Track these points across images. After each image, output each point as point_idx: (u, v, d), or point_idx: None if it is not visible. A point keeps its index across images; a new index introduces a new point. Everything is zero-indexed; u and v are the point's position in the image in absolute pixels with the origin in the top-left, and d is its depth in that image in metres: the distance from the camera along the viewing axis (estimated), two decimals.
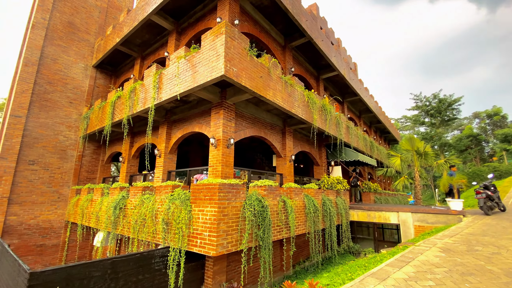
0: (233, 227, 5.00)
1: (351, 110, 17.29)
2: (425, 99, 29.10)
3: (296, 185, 7.44)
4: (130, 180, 9.82)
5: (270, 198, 6.19)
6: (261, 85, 6.47)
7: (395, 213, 9.69)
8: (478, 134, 30.34)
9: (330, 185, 9.54)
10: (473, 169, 26.52)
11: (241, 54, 5.95)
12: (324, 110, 9.67)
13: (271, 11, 8.74)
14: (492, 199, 8.68)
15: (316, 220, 7.74)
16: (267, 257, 5.45)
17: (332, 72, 12.46)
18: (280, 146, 9.14)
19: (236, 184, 5.23)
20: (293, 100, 7.92)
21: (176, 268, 5.08)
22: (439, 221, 8.80)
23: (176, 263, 5.08)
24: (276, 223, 6.19)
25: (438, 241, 5.54)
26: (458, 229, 6.63)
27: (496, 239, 5.48)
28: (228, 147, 6.57)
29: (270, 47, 9.36)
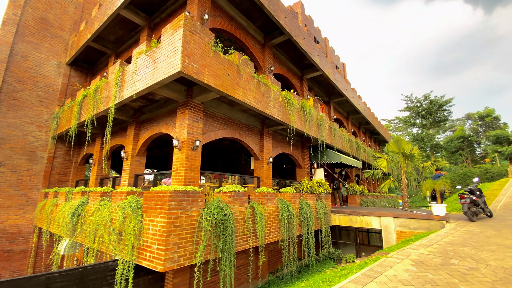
0: (187, 238, 4.56)
1: (338, 111, 16.96)
2: (416, 100, 28.96)
3: (270, 189, 7.02)
4: (100, 183, 9.32)
5: (237, 205, 5.76)
6: (228, 84, 6.04)
7: (377, 217, 9.33)
8: (470, 136, 30.24)
9: (310, 189, 9.15)
10: (464, 171, 26.38)
11: (204, 49, 5.52)
12: (303, 111, 9.27)
13: (247, 6, 8.33)
14: (477, 204, 8.34)
15: (291, 226, 7.33)
16: (227, 269, 5.01)
17: (315, 72, 12.09)
18: (258, 148, 8.73)
19: (193, 192, 4.79)
20: (267, 100, 7.50)
21: (125, 283, 4.62)
22: (421, 227, 8.46)
23: (125, 278, 4.62)
24: (242, 232, 5.76)
25: (413, 252, 5.16)
26: (437, 238, 6.27)
27: (477, 250, 5.12)
28: (193, 150, 6.13)
29: (248, 44, 8.95)
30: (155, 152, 14.33)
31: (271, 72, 9.68)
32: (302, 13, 14.04)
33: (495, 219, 8.30)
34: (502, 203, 11.12)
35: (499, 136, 23.01)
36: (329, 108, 15.26)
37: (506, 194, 12.47)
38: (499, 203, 11.21)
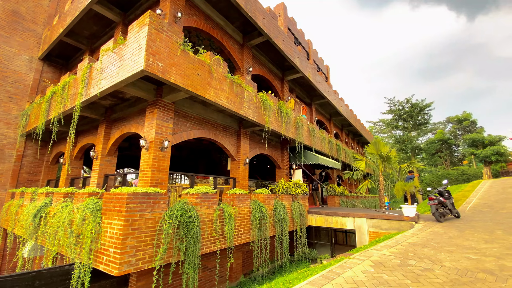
0: (147, 241, 4.46)
1: (321, 113, 17.15)
2: (398, 104, 29.74)
3: (242, 190, 6.99)
4: (71, 183, 9.02)
5: (205, 206, 5.70)
6: (198, 84, 5.97)
7: (351, 218, 9.48)
8: (449, 139, 31.33)
9: (286, 190, 9.18)
10: (442, 172, 27.29)
11: (172, 48, 5.42)
12: (280, 113, 9.30)
13: (224, 5, 8.26)
14: (445, 205, 8.62)
15: (263, 227, 7.32)
16: (191, 272, 4.95)
17: (296, 74, 12.17)
18: (235, 148, 8.68)
19: (155, 193, 4.69)
20: (242, 101, 7.47)
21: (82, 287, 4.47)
22: (392, 227, 8.65)
23: (82, 282, 4.47)
24: (210, 234, 5.70)
25: (375, 253, 5.26)
26: (402, 238, 6.42)
27: (436, 251, 5.26)
28: (162, 150, 6.01)
29: (225, 44, 8.89)
30: (134, 151, 14.03)
31: (250, 73, 9.66)
32: (285, 15, 14.09)
33: (462, 220, 8.59)
34: (471, 205, 11.55)
35: (475, 139, 24.00)
36: (311, 110, 15.40)
37: (476, 196, 12.97)
38: (469, 204, 11.64)
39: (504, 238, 5.96)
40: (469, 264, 4.38)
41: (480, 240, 5.89)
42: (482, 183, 16.85)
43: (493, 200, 11.64)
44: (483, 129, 29.53)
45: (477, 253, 4.96)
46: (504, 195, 12.16)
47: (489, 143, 23.96)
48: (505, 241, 5.64)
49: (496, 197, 12.08)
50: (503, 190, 13.16)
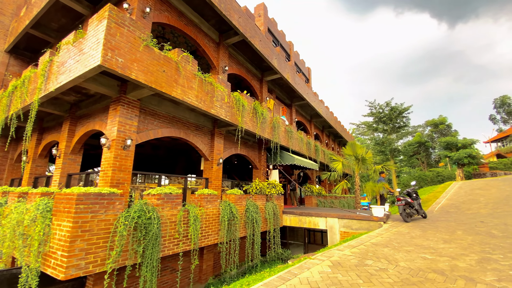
0: (99, 244, 4.28)
1: (301, 114, 17.29)
2: (379, 107, 30.57)
3: (211, 191, 6.89)
4: (34, 183, 8.59)
5: (167, 208, 5.55)
6: (163, 81, 5.82)
7: (324, 218, 9.59)
8: (426, 141, 32.50)
9: (260, 190, 9.16)
10: (419, 174, 28.25)
11: (134, 43, 5.25)
12: (255, 113, 9.27)
13: (198, 3, 8.13)
14: (412, 206, 8.88)
15: (233, 228, 7.25)
16: (149, 275, 4.80)
17: (274, 75, 12.19)
18: (208, 148, 8.56)
19: (109, 194, 4.51)
20: (213, 100, 7.37)
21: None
22: (362, 228, 8.81)
23: (29, 286, 4.23)
24: (172, 235, 5.56)
25: (337, 253, 5.31)
26: (367, 238, 6.54)
27: (395, 251, 5.38)
28: (124, 149, 5.80)
29: (200, 42, 8.75)
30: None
31: (226, 72, 9.57)
32: (265, 15, 14.10)
33: (428, 220, 8.89)
34: (440, 205, 12.00)
35: (449, 142, 25.05)
36: (291, 111, 15.50)
37: (446, 197, 13.50)
38: (438, 205, 12.08)
39: (462, 238, 6.19)
40: (423, 264, 4.49)
41: (440, 240, 6.09)
42: (453, 184, 17.57)
43: (460, 201, 12.14)
44: (458, 133, 30.90)
45: (433, 253, 5.11)
46: (471, 196, 12.72)
47: (462, 146, 25.06)
48: (463, 241, 5.85)
49: (464, 198, 12.61)
50: (471, 192, 13.76)
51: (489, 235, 6.38)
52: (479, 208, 10.55)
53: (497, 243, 5.60)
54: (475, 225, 7.67)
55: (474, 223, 8.01)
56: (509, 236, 6.15)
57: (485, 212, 9.98)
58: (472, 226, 7.57)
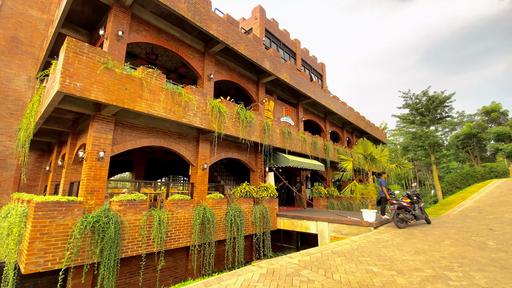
0: (57, 245, 4.99)
1: (312, 113, 16.72)
2: (414, 97, 27.45)
3: (184, 196, 7.31)
4: (55, 189, 10.10)
5: (131, 213, 6.12)
6: (126, 97, 6.40)
7: (315, 222, 9.29)
8: (478, 132, 28.26)
9: (245, 193, 9.28)
10: (467, 170, 24.79)
11: (93, 68, 5.90)
12: (238, 118, 9.42)
13: (175, 19, 8.62)
14: (408, 210, 8.05)
15: (208, 231, 7.55)
16: (107, 273, 5.39)
17: (269, 76, 12.13)
18: (193, 154, 9.01)
19: (68, 201, 5.21)
20: (186, 110, 7.77)
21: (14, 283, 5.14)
22: (351, 233, 8.33)
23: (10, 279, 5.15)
24: (136, 238, 6.11)
25: (283, 260, 5.21)
26: (332, 246, 6.22)
27: (348, 260, 5.08)
28: (99, 160, 6.55)
29: (182, 55, 9.25)
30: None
31: (212, 80, 9.91)
32: (261, 17, 14.03)
33: (428, 226, 7.96)
34: (462, 208, 10.49)
35: (500, 133, 21.32)
36: (297, 110, 15.16)
37: (475, 198, 11.68)
38: (460, 208, 10.58)
39: (442, 250, 5.49)
40: (360, 277, 4.19)
41: (412, 251, 5.50)
42: (492, 183, 15.05)
43: (488, 203, 10.45)
44: None
45: (386, 265, 4.69)
46: (504, 198, 10.84)
47: None
48: (437, 254, 5.20)
49: (494, 200, 10.81)
50: (508, 192, 11.69)
51: (479, 246, 5.52)
52: (505, 212, 8.99)
53: (477, 257, 4.86)
54: (477, 233, 6.66)
55: (479, 231, 6.94)
56: (501, 249, 5.25)
57: (509, 217, 8.49)
58: (473, 234, 6.58)
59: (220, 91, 14.50)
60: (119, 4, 7.58)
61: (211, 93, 9.75)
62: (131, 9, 7.88)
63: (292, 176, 15.57)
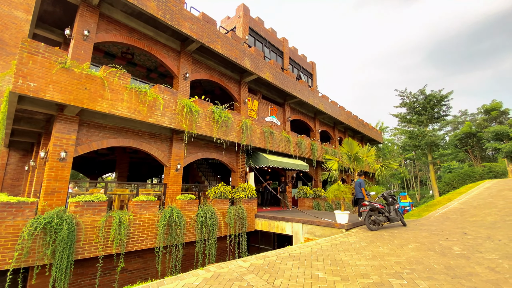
0: (7, 246, 4.96)
1: (300, 112, 16.51)
2: (411, 95, 26.87)
3: (149, 197, 7.23)
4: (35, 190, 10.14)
5: (88, 214, 6.06)
6: (85, 97, 6.34)
7: (290, 223, 9.13)
8: (477, 131, 27.58)
9: (220, 195, 9.16)
10: (465, 170, 24.23)
11: (49, 67, 5.85)
12: (212, 117, 9.30)
13: (147, 17, 8.54)
14: (381, 212, 7.83)
15: (175, 233, 7.46)
16: (59, 275, 5.35)
17: (251, 75, 11.98)
18: (166, 155, 8.93)
19: (18, 202, 5.17)
20: (153, 110, 7.69)
21: None
22: (324, 234, 8.17)
23: None
24: (93, 240, 6.05)
25: (233, 265, 5.08)
26: (293, 249, 6.06)
27: (299, 265, 4.91)
28: (60, 161, 6.51)
29: (156, 54, 9.18)
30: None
31: (188, 79, 9.82)
32: (245, 16, 13.86)
33: (402, 228, 7.73)
34: (446, 209, 10.18)
35: (498, 132, 20.69)
36: (283, 110, 14.97)
37: (461, 199, 11.32)
38: (444, 209, 10.27)
39: (400, 254, 5.29)
40: (301, 283, 4.05)
41: (371, 255, 5.31)
42: (483, 183, 14.60)
43: (473, 205, 10.11)
44: None
45: (335, 271, 4.52)
46: (491, 199, 10.48)
47: None
48: (393, 259, 5.01)
49: (480, 202, 10.46)
50: (497, 193, 11.30)
51: (442, 252, 5.30)
52: (488, 215, 8.68)
53: (433, 264, 4.65)
54: (447, 237, 6.42)
55: (451, 234, 6.70)
56: (464, 255, 5.02)
57: (491, 220, 8.18)
58: (442, 238, 6.35)
59: (205, 90, 14.42)
60: (86, 4, 7.53)
61: (186, 92, 9.66)
62: (100, 8, 7.82)
63: (278, 177, 15.40)
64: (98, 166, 16.20)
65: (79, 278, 6.40)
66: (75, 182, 11.49)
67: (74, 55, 7.12)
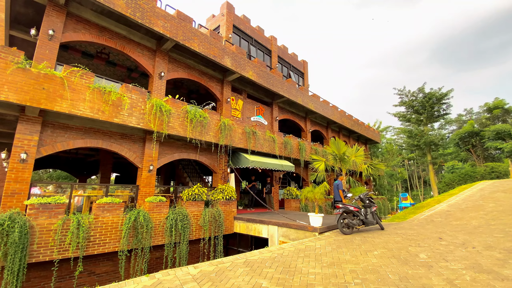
0: None
1: (290, 111, 16.19)
2: (410, 94, 26.14)
3: (113, 199, 7.07)
4: None
5: (44, 217, 5.93)
6: (43, 97, 6.21)
7: (266, 226, 8.87)
8: (480, 130, 26.69)
9: (194, 197, 8.95)
10: (466, 170, 23.47)
11: (4, 68, 5.74)
12: (187, 117, 9.10)
13: (119, 16, 8.39)
14: (355, 214, 7.49)
15: (141, 236, 7.28)
16: (10, 278, 5.22)
17: (233, 74, 11.74)
18: (138, 156, 8.76)
19: None
20: (119, 109, 7.52)
21: None
22: (298, 238, 7.89)
23: None
24: (49, 243, 5.91)
25: (179, 272, 4.85)
26: (253, 254, 5.80)
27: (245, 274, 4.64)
28: (21, 162, 6.40)
29: (129, 53, 9.03)
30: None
31: (163, 78, 9.64)
32: (229, 13, 13.60)
33: (375, 233, 7.37)
34: (432, 212, 9.73)
35: (499, 131, 19.89)
36: (271, 109, 14.69)
37: (450, 201, 10.83)
38: (430, 211, 9.82)
39: (361, 262, 4.97)
40: None
41: (329, 262, 5.01)
42: (477, 184, 13.98)
43: (461, 208, 9.64)
44: None
45: (281, 280, 4.26)
46: (481, 202, 9.97)
47: None
48: (350, 267, 4.71)
49: (469, 204, 9.97)
50: (489, 195, 10.76)
51: (406, 260, 4.96)
52: (474, 218, 8.24)
53: (389, 273, 4.33)
54: (419, 243, 6.06)
55: (425, 239, 6.33)
56: (427, 264, 4.68)
57: (475, 224, 7.75)
58: (413, 244, 5.99)
59: (190, 90, 14.27)
60: (53, 3, 7.43)
61: (162, 91, 9.49)
62: (68, 7, 7.71)
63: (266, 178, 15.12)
64: (87, 167, 16.21)
65: (36, 281, 6.29)
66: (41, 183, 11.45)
67: (38, 55, 7.01)
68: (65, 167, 15.71)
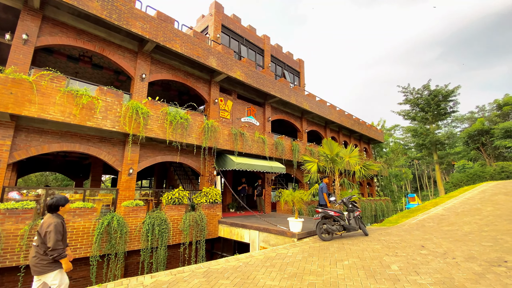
0: None
1: (284, 112, 15.83)
2: (415, 92, 25.15)
3: (85, 204, 6.98)
4: None
5: (10, 222, 5.88)
6: (10, 102, 6.16)
7: (248, 230, 8.61)
8: (491, 128, 25.44)
9: (174, 200, 8.78)
10: (475, 170, 22.43)
11: None
12: (166, 119, 8.95)
13: (96, 19, 8.32)
14: (336, 220, 7.12)
15: (115, 241, 7.15)
16: None
17: (220, 75, 11.52)
18: (117, 159, 8.68)
19: None
20: (92, 113, 7.43)
21: None
22: (278, 243, 7.61)
23: None
24: (15, 248, 5.86)
25: (148, 280, 4.66)
26: (219, 263, 5.54)
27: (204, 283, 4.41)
28: None
29: (110, 55, 8.96)
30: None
31: (145, 80, 9.53)
32: (217, 13, 13.39)
33: (356, 240, 6.98)
34: (425, 216, 9.19)
35: (508, 129, 18.81)
36: (264, 110, 14.39)
37: (447, 204, 10.21)
38: (424, 216, 9.28)
39: (326, 273, 4.66)
40: None
41: (292, 273, 4.71)
42: (479, 186, 13.18)
43: (457, 212, 9.06)
44: None
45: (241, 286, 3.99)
46: (479, 205, 9.35)
47: None
48: (310, 278, 4.41)
49: (466, 208, 9.37)
50: (489, 197, 10.09)
51: (375, 271, 4.60)
52: (467, 223, 7.70)
53: (349, 287, 3.99)
54: (397, 252, 5.65)
55: (407, 247, 5.91)
56: (395, 277, 4.31)
57: (466, 230, 7.24)
58: (390, 252, 5.59)
59: (180, 92, 14.16)
60: (27, 8, 7.42)
61: (143, 93, 9.38)
62: (43, 11, 7.68)
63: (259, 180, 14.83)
64: (82, 170, 16.38)
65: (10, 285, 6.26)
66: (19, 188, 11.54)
67: (12, 59, 6.99)
68: (61, 170, 15.92)
